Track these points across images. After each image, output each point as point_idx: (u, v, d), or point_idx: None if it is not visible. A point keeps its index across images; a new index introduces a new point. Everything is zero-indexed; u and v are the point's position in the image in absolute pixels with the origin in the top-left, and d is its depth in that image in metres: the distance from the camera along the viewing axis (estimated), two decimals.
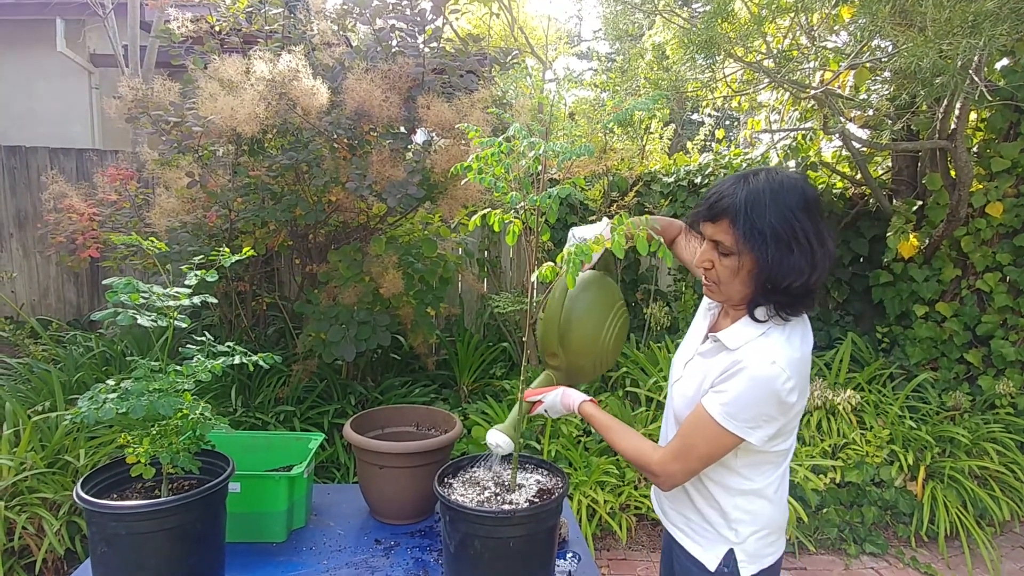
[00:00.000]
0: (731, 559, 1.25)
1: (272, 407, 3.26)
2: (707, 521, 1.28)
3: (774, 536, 1.29)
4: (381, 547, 1.63)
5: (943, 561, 3.14)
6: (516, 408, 1.35)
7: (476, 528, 1.18)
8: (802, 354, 1.16)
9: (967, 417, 3.60)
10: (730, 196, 1.13)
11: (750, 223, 1.10)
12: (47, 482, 2.61)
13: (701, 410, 1.16)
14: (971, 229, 3.76)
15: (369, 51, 2.93)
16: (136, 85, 2.69)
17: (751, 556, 1.26)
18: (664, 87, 3.44)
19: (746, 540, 1.25)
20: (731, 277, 1.16)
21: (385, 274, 2.88)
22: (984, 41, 1.82)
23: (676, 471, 1.19)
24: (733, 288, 1.17)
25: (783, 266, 1.10)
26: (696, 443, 1.17)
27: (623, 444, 1.27)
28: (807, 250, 1.10)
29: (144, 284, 1.17)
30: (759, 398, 1.11)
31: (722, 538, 1.26)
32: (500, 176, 1.14)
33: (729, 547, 1.25)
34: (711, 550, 1.27)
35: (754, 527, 1.25)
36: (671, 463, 1.19)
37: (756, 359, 1.12)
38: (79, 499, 1.14)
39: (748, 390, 1.11)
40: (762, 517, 1.25)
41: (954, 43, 1.89)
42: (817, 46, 3.18)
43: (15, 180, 4.71)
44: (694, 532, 1.30)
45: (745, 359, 1.13)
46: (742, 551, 1.25)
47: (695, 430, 1.17)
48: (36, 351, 3.74)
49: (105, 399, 1.11)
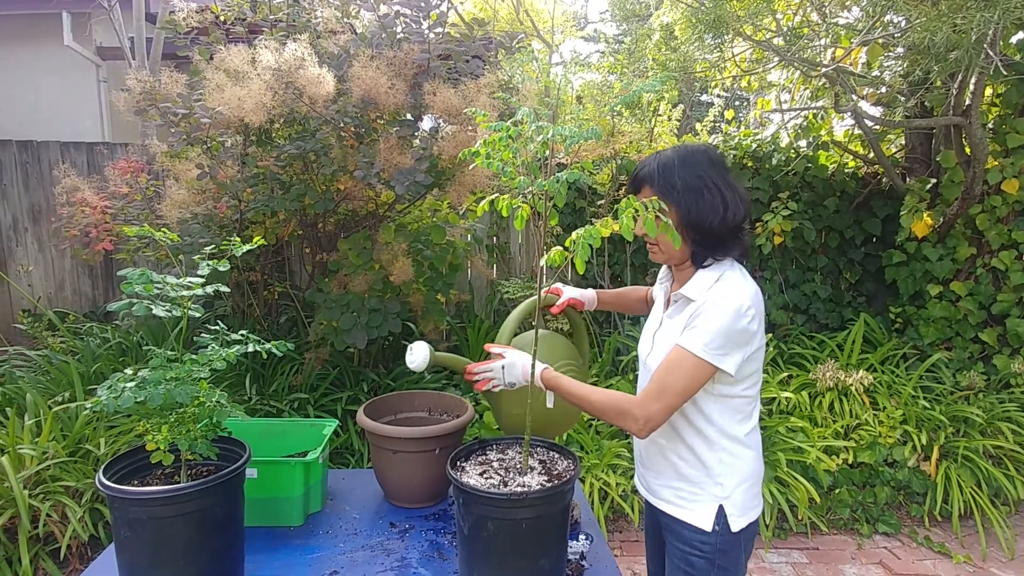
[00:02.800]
0: (721, 515, 1.32)
1: (286, 395, 3.30)
2: (694, 484, 1.35)
3: (756, 488, 1.39)
4: (396, 530, 1.65)
5: (957, 540, 3.14)
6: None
7: (489, 510, 1.20)
8: (756, 289, 1.31)
9: (982, 397, 3.58)
10: (647, 166, 1.34)
11: (664, 180, 1.31)
12: (69, 470, 2.67)
13: (677, 350, 1.26)
14: (986, 206, 3.70)
15: (374, 38, 2.91)
16: (144, 78, 2.70)
17: (739, 509, 1.34)
18: (672, 68, 3.39)
19: (732, 493, 1.33)
20: (664, 234, 1.28)
21: (395, 261, 2.89)
22: (999, 14, 1.78)
23: (656, 410, 1.24)
24: (669, 244, 1.31)
25: (699, 208, 1.29)
26: (673, 382, 1.24)
27: (595, 398, 1.31)
28: (716, 192, 1.29)
29: (158, 275, 1.18)
30: (728, 325, 1.23)
31: (710, 496, 1.33)
32: (508, 161, 1.13)
33: (718, 503, 1.33)
34: (703, 512, 1.33)
35: (737, 478, 1.34)
36: (651, 403, 1.24)
37: (719, 295, 1.26)
38: (102, 486, 1.17)
39: (717, 319, 1.23)
40: (743, 468, 1.34)
41: (968, 16, 1.85)
42: (828, 22, 3.13)
43: (28, 175, 4.76)
44: (683, 500, 1.36)
45: (710, 298, 1.26)
46: (731, 504, 1.33)
47: (671, 370, 1.25)
48: (54, 343, 3.80)
49: (124, 388, 1.13)
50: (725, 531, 1.32)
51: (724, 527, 1.32)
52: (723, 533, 1.32)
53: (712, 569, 1.33)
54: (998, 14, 1.79)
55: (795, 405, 3.48)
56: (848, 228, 4.31)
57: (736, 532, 1.33)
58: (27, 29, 6.57)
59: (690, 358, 1.23)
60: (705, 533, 1.32)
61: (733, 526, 1.32)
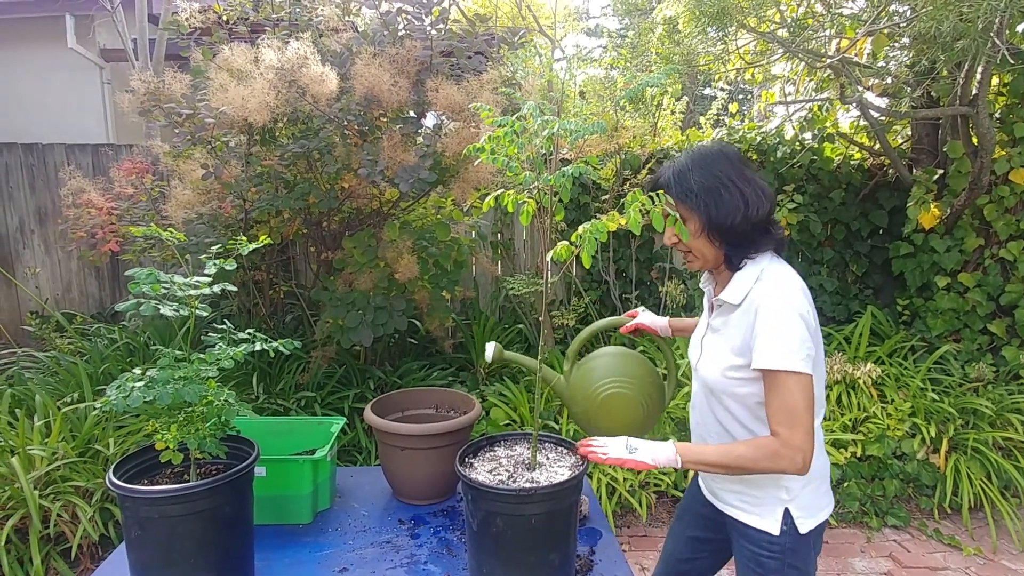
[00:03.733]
0: (788, 518, 1.29)
1: (293, 393, 3.31)
2: (758, 488, 1.32)
3: (824, 487, 1.35)
4: (405, 527, 1.66)
5: (967, 533, 3.13)
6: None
7: (498, 506, 1.20)
8: (798, 277, 1.27)
9: (991, 388, 3.55)
10: (663, 175, 1.33)
11: (680, 187, 1.29)
12: (79, 470, 2.68)
13: (774, 378, 1.18)
14: (994, 197, 3.67)
15: (376, 35, 2.91)
16: (148, 78, 2.70)
17: (805, 511, 1.30)
18: (676, 62, 3.38)
19: (798, 496, 1.30)
20: (694, 240, 1.31)
21: (400, 259, 2.89)
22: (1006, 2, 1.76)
23: (799, 436, 1.15)
24: (702, 249, 1.31)
25: (720, 208, 1.25)
26: (790, 400, 1.16)
27: (737, 457, 1.20)
28: (735, 190, 1.26)
29: (165, 275, 1.19)
30: (790, 324, 1.18)
31: (776, 500, 1.30)
32: (513, 156, 1.13)
33: (784, 507, 1.29)
34: (769, 516, 1.31)
35: (802, 481, 1.29)
36: (791, 434, 1.15)
37: (766, 296, 1.22)
38: (112, 485, 1.17)
39: (778, 324, 1.18)
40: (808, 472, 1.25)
41: (975, 5, 1.83)
42: (833, 13, 3.10)
43: (34, 177, 4.78)
44: (748, 504, 1.34)
45: (756, 301, 1.23)
46: (796, 507, 1.29)
47: (780, 393, 1.17)
48: (62, 344, 3.82)
49: (132, 388, 1.13)
50: (793, 532, 1.29)
51: (792, 528, 1.29)
52: (791, 534, 1.29)
53: (784, 568, 1.30)
54: (1005, 2, 1.78)
55: None
56: (854, 220, 4.29)
57: (805, 534, 1.30)
58: (31, 32, 6.59)
59: (788, 377, 1.16)
60: (773, 536, 1.30)
61: (801, 528, 1.29)
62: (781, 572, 1.30)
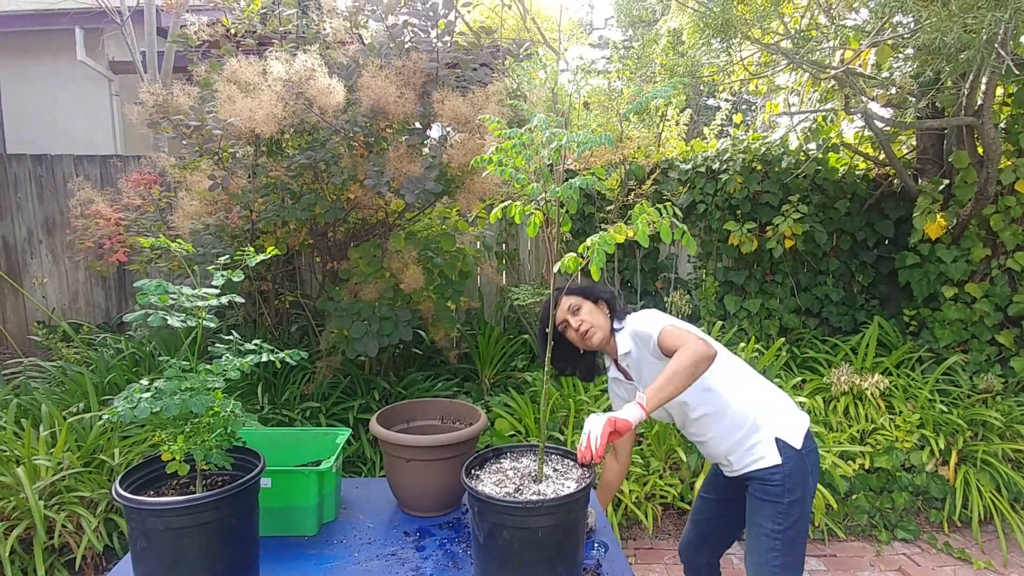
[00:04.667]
0: (781, 442, 1.63)
1: (298, 404, 3.31)
2: (750, 435, 1.66)
3: (791, 409, 1.71)
4: (410, 539, 1.65)
5: (977, 546, 3.09)
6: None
7: (505, 518, 1.19)
8: None
9: (999, 400, 3.52)
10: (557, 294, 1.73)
11: (574, 287, 1.73)
12: (84, 481, 2.68)
13: (660, 338, 1.59)
14: (1000, 207, 3.66)
15: (382, 48, 2.93)
16: (157, 91, 2.73)
17: (788, 429, 1.65)
18: (680, 73, 3.39)
19: (775, 423, 1.65)
20: (591, 315, 1.72)
21: (405, 269, 2.90)
22: (1010, 13, 1.77)
23: (692, 339, 1.53)
24: (597, 321, 1.72)
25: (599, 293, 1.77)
26: (675, 334, 1.57)
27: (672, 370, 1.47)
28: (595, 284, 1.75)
29: (173, 286, 1.19)
30: (647, 314, 1.71)
31: (766, 435, 1.64)
32: (520, 168, 1.13)
33: (774, 437, 1.64)
34: (771, 451, 1.63)
35: (770, 410, 1.68)
36: (687, 341, 1.52)
37: (632, 325, 1.70)
38: (119, 497, 1.17)
39: (643, 320, 1.67)
40: (764, 403, 1.69)
41: (979, 16, 1.83)
42: (836, 25, 3.11)
43: (42, 188, 4.82)
44: (755, 454, 1.65)
45: (633, 331, 1.69)
46: (781, 433, 1.64)
47: (669, 339, 1.57)
48: (68, 354, 3.83)
49: (140, 399, 1.14)
50: (790, 452, 1.62)
51: (788, 449, 1.62)
52: (790, 455, 1.62)
53: (783, 493, 1.61)
54: (1009, 13, 1.78)
55: (810, 410, 3.45)
56: (860, 230, 4.28)
57: (799, 449, 1.62)
58: (41, 45, 6.67)
59: (664, 328, 1.59)
60: (778, 465, 1.62)
61: (795, 443, 1.63)
62: (781, 494, 1.61)
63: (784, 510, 1.62)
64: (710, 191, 4.28)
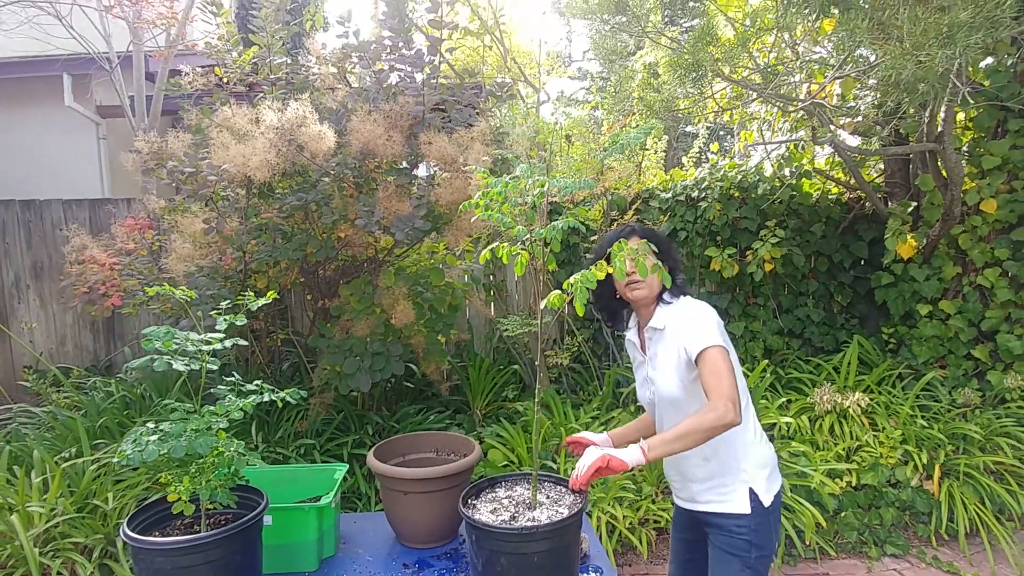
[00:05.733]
0: (754, 495, 1.59)
1: (292, 441, 3.32)
2: (725, 475, 1.62)
3: (775, 472, 1.68)
4: (409, 571, 1.68)
5: (965, 559, 3.15)
6: None
7: (501, 545, 1.24)
8: None
9: (978, 413, 3.62)
10: (630, 226, 1.69)
11: (650, 233, 1.66)
12: (78, 526, 2.67)
13: (702, 353, 1.49)
14: (967, 226, 3.81)
15: (370, 92, 3.05)
16: (152, 139, 2.81)
17: (764, 486, 1.61)
18: (656, 108, 3.54)
19: (756, 476, 1.61)
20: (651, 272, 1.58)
21: (396, 305, 2.96)
22: (959, 51, 1.91)
23: (726, 392, 1.43)
24: (653, 279, 1.61)
25: (672, 256, 1.67)
26: (719, 371, 1.46)
27: (687, 426, 1.43)
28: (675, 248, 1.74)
29: (179, 331, 1.25)
30: (706, 316, 1.56)
31: (740, 483, 1.60)
32: (506, 212, 1.22)
33: (748, 487, 1.60)
34: (740, 499, 1.60)
35: (753, 462, 1.63)
36: (721, 398, 1.43)
37: (690, 308, 1.60)
38: (127, 538, 1.21)
39: (698, 318, 1.56)
40: (755, 451, 1.64)
41: (931, 54, 1.97)
42: (802, 60, 3.28)
43: (31, 233, 4.84)
44: (722, 496, 1.62)
45: (685, 312, 1.59)
46: (757, 486, 1.60)
47: (711, 367, 1.47)
48: (58, 399, 3.83)
49: (147, 441, 1.18)
50: (759, 507, 1.59)
51: (758, 504, 1.59)
52: (758, 510, 1.59)
53: (750, 547, 1.58)
54: (958, 51, 1.92)
55: (796, 430, 3.52)
56: (836, 252, 4.42)
57: (768, 507, 1.60)
58: (29, 90, 6.76)
59: (712, 350, 1.49)
60: (744, 516, 1.59)
61: (765, 501, 1.60)
62: (748, 549, 1.58)
63: (752, 565, 1.59)
64: (690, 218, 4.41)
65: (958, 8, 1.88)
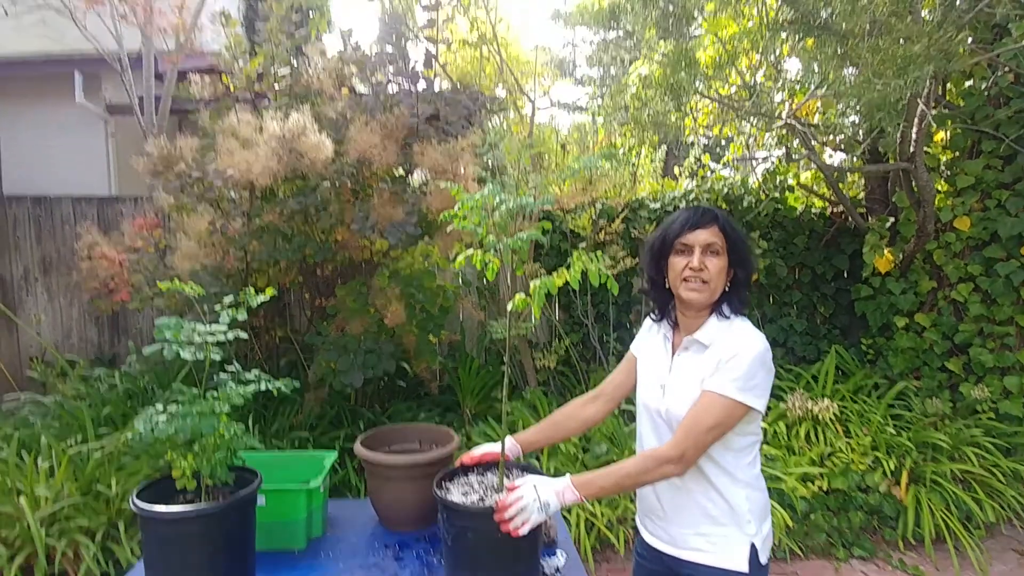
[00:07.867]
0: (754, 552, 1.38)
1: (287, 434, 3.47)
2: (723, 526, 1.40)
3: (769, 523, 1.48)
4: (390, 551, 1.83)
5: (931, 563, 3.28)
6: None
7: (468, 522, 1.39)
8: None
9: (948, 423, 3.76)
10: (712, 210, 1.44)
11: (732, 228, 1.42)
12: (82, 510, 2.82)
13: (709, 395, 1.33)
14: (942, 243, 3.96)
15: (368, 102, 3.21)
16: (162, 144, 2.97)
17: (765, 541, 1.43)
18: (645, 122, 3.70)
19: (759, 531, 1.41)
20: (719, 274, 1.40)
21: (389, 305, 3.11)
22: (909, 81, 2.06)
23: (688, 446, 1.31)
24: (718, 284, 1.40)
25: (749, 262, 1.43)
26: (704, 420, 1.31)
27: (629, 467, 1.34)
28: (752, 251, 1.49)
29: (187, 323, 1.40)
30: (758, 369, 1.34)
31: (743, 535, 1.39)
32: (478, 223, 1.37)
33: (750, 542, 1.39)
34: (737, 553, 1.39)
35: (760, 515, 1.43)
36: (682, 442, 1.31)
37: (746, 341, 1.36)
38: (135, 507, 1.36)
39: (751, 365, 1.33)
40: (762, 505, 1.44)
41: (887, 81, 2.12)
42: (783, 79, 3.44)
43: (40, 228, 5.01)
44: (714, 545, 1.40)
45: (736, 344, 1.35)
46: (759, 542, 1.41)
47: (703, 412, 1.32)
48: (65, 389, 3.98)
49: (157, 420, 1.33)
50: (756, 565, 1.38)
51: (756, 562, 1.38)
52: (755, 568, 1.38)
53: None
54: (909, 80, 2.07)
55: (773, 434, 3.66)
56: (819, 264, 4.57)
57: (764, 565, 1.41)
58: (40, 88, 6.93)
59: (722, 400, 1.31)
60: (743, 574, 1.38)
61: (762, 559, 1.40)
62: None
63: None
64: None
65: (912, 41, 2.03)
